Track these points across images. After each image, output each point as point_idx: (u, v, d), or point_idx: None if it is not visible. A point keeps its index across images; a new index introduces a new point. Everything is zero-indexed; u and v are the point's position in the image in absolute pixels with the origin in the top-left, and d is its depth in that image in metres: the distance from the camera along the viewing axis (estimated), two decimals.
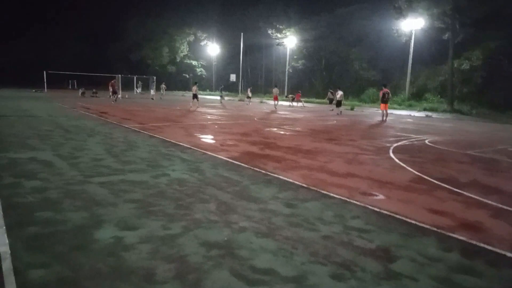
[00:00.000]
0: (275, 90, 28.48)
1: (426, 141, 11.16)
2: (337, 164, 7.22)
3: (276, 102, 27.85)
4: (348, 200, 4.87)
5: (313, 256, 3.20)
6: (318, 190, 5.29)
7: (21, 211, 4.05)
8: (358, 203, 4.75)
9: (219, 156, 7.54)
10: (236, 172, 6.24)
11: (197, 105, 22.88)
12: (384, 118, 18.41)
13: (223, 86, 36.76)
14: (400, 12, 32.30)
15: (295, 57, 49.02)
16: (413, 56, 32.14)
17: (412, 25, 31.62)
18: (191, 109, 21.53)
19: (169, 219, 3.98)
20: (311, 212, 4.36)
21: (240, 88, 42.45)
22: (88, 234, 3.51)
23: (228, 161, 7.13)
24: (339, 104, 22.77)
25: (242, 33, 48.76)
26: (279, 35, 50.45)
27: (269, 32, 52.47)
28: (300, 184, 5.59)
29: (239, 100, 34.93)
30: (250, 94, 31.77)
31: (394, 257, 3.25)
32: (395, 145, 10.08)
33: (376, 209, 4.53)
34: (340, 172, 6.52)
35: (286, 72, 48.67)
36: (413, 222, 4.13)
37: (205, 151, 8.02)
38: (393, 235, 3.76)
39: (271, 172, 6.25)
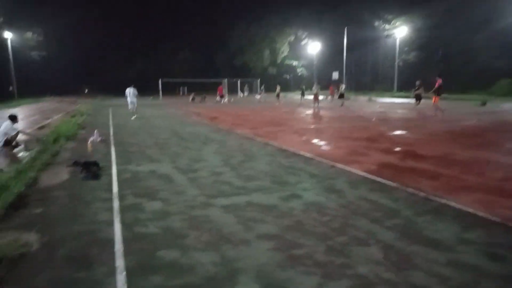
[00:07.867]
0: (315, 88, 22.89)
1: None
2: None
3: (316, 103, 21.93)
4: None
5: None
6: None
7: (142, 248, 3.39)
8: None
9: (353, 170, 6.22)
10: (384, 194, 4.87)
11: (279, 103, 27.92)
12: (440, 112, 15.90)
13: (304, 87, 34.75)
14: None
15: (405, 49, 44.43)
16: None
17: None
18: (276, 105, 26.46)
19: (324, 272, 2.87)
20: None
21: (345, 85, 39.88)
22: None
23: (366, 177, 5.77)
24: (341, 96, 25.08)
25: (345, 28, 46.21)
26: (387, 26, 46.37)
27: (376, 24, 48.69)
28: (488, 217, 3.96)
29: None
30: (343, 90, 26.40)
31: None
32: None
33: None
34: None
35: (396, 66, 44.44)
36: None
37: (332, 163, 6.80)
38: None
39: (433, 195, 4.72)
